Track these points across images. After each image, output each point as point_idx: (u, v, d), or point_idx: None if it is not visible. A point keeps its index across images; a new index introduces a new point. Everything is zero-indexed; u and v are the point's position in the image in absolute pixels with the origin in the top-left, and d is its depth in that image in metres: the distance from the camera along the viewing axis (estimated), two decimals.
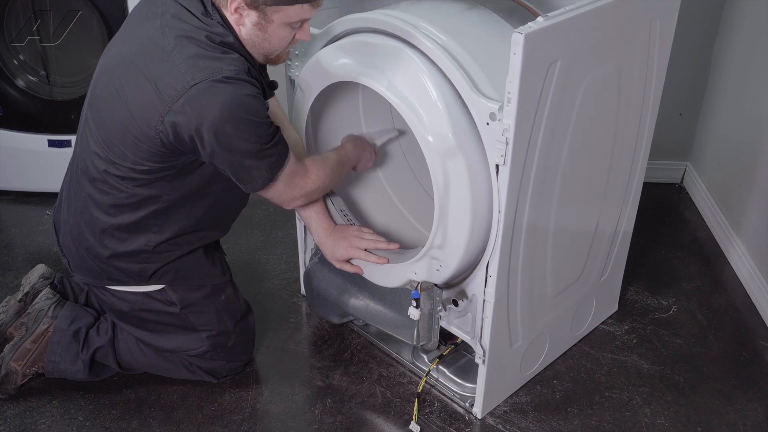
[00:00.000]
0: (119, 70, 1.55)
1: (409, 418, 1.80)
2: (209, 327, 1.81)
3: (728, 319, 2.15)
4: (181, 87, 1.44)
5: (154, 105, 1.48)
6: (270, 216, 2.58)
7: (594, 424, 1.79)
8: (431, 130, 1.50)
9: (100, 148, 1.60)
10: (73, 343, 1.81)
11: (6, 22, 2.52)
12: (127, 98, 1.52)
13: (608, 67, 1.60)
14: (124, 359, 1.85)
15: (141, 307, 1.78)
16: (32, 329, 1.82)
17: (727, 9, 2.49)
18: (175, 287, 1.76)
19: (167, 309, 1.78)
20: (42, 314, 1.83)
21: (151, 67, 1.49)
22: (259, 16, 1.50)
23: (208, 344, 1.82)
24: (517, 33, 1.32)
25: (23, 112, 2.58)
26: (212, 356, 1.84)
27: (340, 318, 2.02)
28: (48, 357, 1.81)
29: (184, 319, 1.80)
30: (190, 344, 1.82)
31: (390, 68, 1.56)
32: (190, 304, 1.78)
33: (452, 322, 1.78)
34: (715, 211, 2.51)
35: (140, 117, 1.50)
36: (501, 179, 1.48)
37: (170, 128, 1.48)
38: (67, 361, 1.81)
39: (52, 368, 1.82)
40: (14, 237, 2.50)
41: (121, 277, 1.73)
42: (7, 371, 1.80)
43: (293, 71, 1.83)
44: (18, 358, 1.80)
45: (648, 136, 1.86)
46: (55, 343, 1.81)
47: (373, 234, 1.81)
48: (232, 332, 1.84)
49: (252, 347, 1.94)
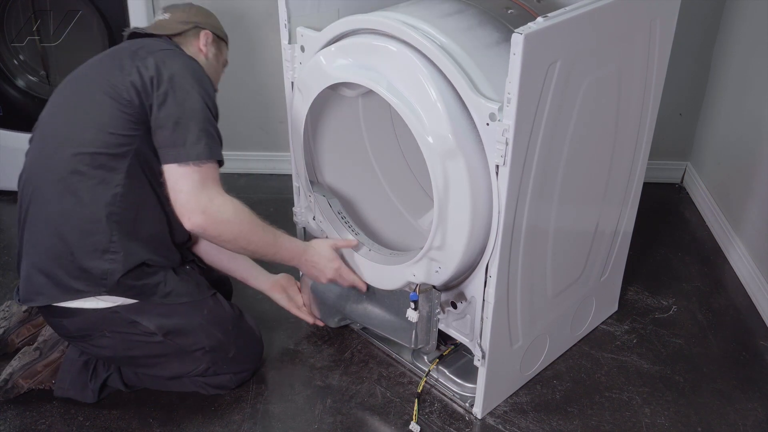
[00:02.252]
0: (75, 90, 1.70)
1: (409, 418, 1.80)
2: (200, 345, 1.75)
3: (728, 319, 2.15)
4: (148, 53, 1.64)
5: (123, 69, 1.63)
6: (270, 216, 2.57)
7: (594, 424, 1.79)
8: (431, 131, 1.50)
9: (70, 146, 1.62)
10: (83, 373, 1.82)
11: (6, 22, 2.52)
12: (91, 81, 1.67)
13: (608, 68, 1.60)
14: (132, 383, 1.86)
15: (126, 347, 1.73)
16: (46, 355, 1.84)
17: (727, 9, 2.49)
18: (146, 315, 1.70)
19: (150, 340, 1.71)
20: (59, 343, 1.85)
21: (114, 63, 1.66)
22: (216, 50, 1.88)
23: (206, 361, 1.78)
24: (517, 33, 1.32)
25: (23, 112, 2.58)
26: (216, 371, 1.81)
27: (337, 321, 2.01)
28: (58, 383, 1.82)
29: (172, 345, 1.73)
30: (189, 366, 1.78)
31: (389, 69, 1.56)
32: (170, 330, 1.71)
33: (450, 325, 1.78)
34: (715, 211, 2.51)
35: (108, 82, 1.62)
36: (501, 180, 1.48)
37: (136, 73, 1.61)
38: (77, 388, 1.82)
39: (61, 393, 1.83)
40: (14, 237, 2.49)
41: (84, 285, 1.64)
42: (13, 385, 1.81)
43: (292, 73, 1.83)
44: (27, 377, 1.81)
45: (648, 136, 1.86)
46: (65, 372, 1.82)
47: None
48: (228, 343, 1.79)
49: (257, 354, 1.90)
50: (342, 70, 1.63)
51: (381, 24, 1.57)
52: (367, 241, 1.89)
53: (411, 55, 1.52)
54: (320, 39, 1.72)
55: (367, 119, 2.04)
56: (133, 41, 1.74)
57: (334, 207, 1.92)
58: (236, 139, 2.84)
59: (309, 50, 1.76)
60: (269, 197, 2.72)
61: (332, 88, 1.72)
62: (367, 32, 1.62)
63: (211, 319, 1.77)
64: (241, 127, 2.85)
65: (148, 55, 1.64)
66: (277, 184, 2.88)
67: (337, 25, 1.66)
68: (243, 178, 2.92)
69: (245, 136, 2.87)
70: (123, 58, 1.65)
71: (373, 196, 2.07)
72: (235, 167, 2.90)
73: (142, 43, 1.72)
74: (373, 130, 2.07)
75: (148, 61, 1.62)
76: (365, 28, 1.62)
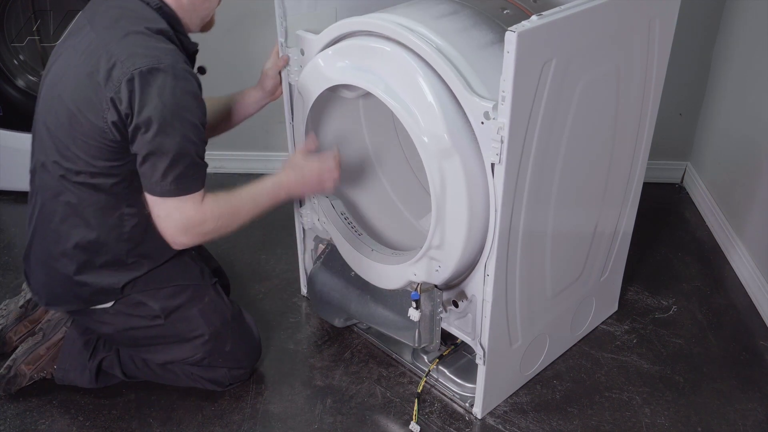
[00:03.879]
0: (59, 80, 1.58)
1: (409, 418, 1.80)
2: (199, 332, 1.77)
3: (728, 319, 2.15)
4: (122, 74, 1.47)
5: (97, 92, 1.49)
6: (270, 216, 2.58)
7: (594, 424, 1.79)
8: (427, 131, 1.51)
9: (55, 155, 1.59)
10: (83, 352, 1.83)
11: (6, 22, 2.52)
12: (69, 97, 1.54)
13: (606, 67, 1.60)
14: (128, 369, 1.86)
15: (125, 328, 1.75)
16: (48, 336, 1.85)
17: (727, 9, 2.49)
18: (154, 296, 1.73)
19: (151, 324, 1.74)
20: (61, 323, 1.86)
21: (89, 63, 1.51)
22: None
23: (203, 350, 1.79)
24: (510, 32, 1.32)
25: (23, 112, 2.58)
26: (210, 362, 1.82)
27: (343, 321, 2.02)
28: (59, 364, 1.83)
29: (171, 329, 1.76)
30: (186, 353, 1.79)
31: (385, 71, 1.56)
32: (172, 311, 1.74)
33: (453, 323, 1.78)
34: (715, 211, 2.51)
35: (85, 107, 1.51)
36: (497, 178, 1.48)
37: (113, 109, 1.49)
38: (76, 370, 1.83)
39: (62, 376, 1.84)
40: (14, 237, 2.50)
41: (92, 296, 1.70)
42: (16, 373, 1.82)
43: (292, 76, 1.83)
44: (30, 362, 1.82)
45: (648, 136, 1.86)
46: (66, 352, 1.83)
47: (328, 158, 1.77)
48: (225, 334, 1.81)
49: (254, 353, 1.90)
50: (340, 72, 1.64)
51: (377, 26, 1.58)
52: (370, 241, 1.89)
53: (406, 56, 1.52)
54: (319, 42, 1.72)
55: (368, 120, 2.04)
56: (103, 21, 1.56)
57: (337, 208, 1.92)
58: (236, 139, 2.83)
59: (308, 53, 1.76)
60: None
61: (331, 90, 1.73)
62: (364, 34, 1.62)
63: (212, 308, 1.79)
64: (241, 127, 2.82)
65: (121, 74, 1.47)
66: None
67: (335, 28, 1.67)
68: (243, 178, 2.92)
69: (245, 136, 2.86)
70: (95, 72, 1.50)
71: (376, 197, 2.07)
72: (235, 167, 2.90)
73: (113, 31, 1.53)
74: (375, 131, 2.07)
75: (121, 91, 1.47)
76: (362, 30, 1.62)
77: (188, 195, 1.56)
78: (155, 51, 1.50)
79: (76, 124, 1.53)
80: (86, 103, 1.51)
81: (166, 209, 1.56)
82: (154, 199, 1.56)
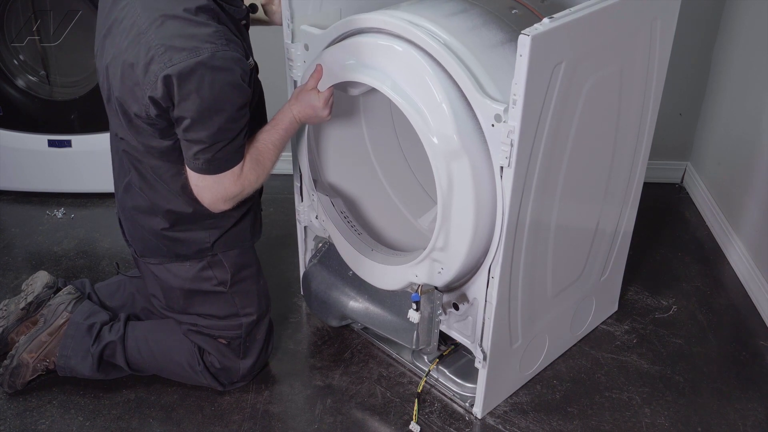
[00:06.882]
0: (111, 60, 1.55)
1: (409, 418, 1.80)
2: (251, 309, 1.82)
3: (728, 319, 2.15)
4: (159, 69, 1.43)
5: (138, 86, 1.48)
6: (270, 216, 2.58)
7: (594, 424, 1.79)
8: (436, 131, 1.50)
9: (119, 131, 1.64)
10: (86, 337, 1.82)
11: (6, 22, 2.52)
12: (117, 87, 1.54)
13: (610, 68, 1.60)
14: (133, 358, 1.85)
15: (191, 287, 1.77)
16: (50, 322, 1.84)
17: (727, 9, 2.49)
18: (231, 254, 1.77)
19: (214, 289, 1.78)
20: (62, 308, 1.86)
21: (131, 53, 1.48)
22: None
23: (245, 329, 1.82)
24: (524, 35, 1.31)
25: (23, 112, 2.58)
26: (236, 345, 1.83)
27: (339, 321, 2.01)
28: (61, 351, 1.82)
29: (230, 299, 1.80)
30: (229, 327, 1.81)
31: (394, 69, 1.55)
32: (237, 282, 1.79)
33: (452, 326, 1.77)
34: (715, 211, 2.51)
35: (130, 100, 1.51)
36: (505, 181, 1.48)
37: (150, 101, 1.47)
38: (78, 357, 1.82)
39: (64, 363, 1.83)
40: (14, 237, 2.50)
41: (183, 250, 1.73)
42: (18, 362, 1.81)
43: (296, 72, 1.83)
44: (32, 350, 1.81)
45: (648, 136, 1.86)
46: (69, 337, 1.82)
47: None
48: (262, 323, 1.86)
49: (265, 353, 1.91)
50: (347, 69, 1.63)
51: (386, 23, 1.56)
52: (370, 241, 1.89)
53: (417, 54, 1.51)
54: (324, 38, 1.71)
55: (368, 117, 2.03)
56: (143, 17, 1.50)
57: (337, 206, 1.91)
58: None
59: (313, 49, 1.75)
60: (269, 197, 2.70)
61: (335, 87, 1.72)
62: (372, 31, 1.61)
63: (264, 293, 1.87)
64: None
65: (158, 70, 1.43)
66: (277, 184, 2.87)
67: (342, 24, 1.66)
68: None
69: None
70: (136, 65, 1.47)
71: (375, 195, 2.07)
72: None
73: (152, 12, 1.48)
74: (373, 128, 2.06)
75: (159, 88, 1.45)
76: (370, 27, 1.61)
77: (225, 172, 1.57)
78: (193, 41, 1.43)
79: (124, 114, 1.56)
80: (131, 96, 1.52)
81: (204, 182, 1.58)
82: (191, 172, 1.58)
